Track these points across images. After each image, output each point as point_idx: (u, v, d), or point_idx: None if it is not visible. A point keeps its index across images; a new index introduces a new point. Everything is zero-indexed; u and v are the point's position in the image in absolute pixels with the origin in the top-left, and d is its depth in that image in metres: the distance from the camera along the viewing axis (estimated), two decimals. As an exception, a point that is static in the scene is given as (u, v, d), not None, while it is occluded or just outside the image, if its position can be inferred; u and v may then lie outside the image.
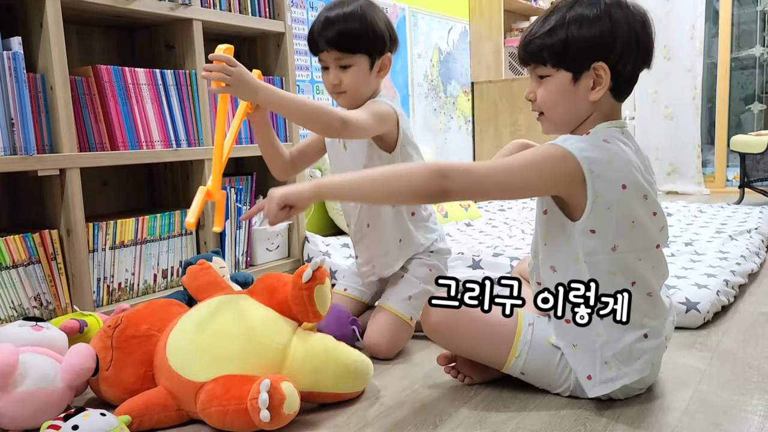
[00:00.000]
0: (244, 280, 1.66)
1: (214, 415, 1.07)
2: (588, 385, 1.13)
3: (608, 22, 1.06)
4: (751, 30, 4.63)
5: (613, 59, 1.07)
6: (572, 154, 1.04)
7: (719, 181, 4.65)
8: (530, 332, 1.17)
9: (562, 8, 1.09)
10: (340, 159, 1.53)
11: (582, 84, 1.09)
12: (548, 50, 1.08)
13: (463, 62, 3.84)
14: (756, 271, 2.06)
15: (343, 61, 1.41)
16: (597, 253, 1.09)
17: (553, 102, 1.12)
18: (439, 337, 1.24)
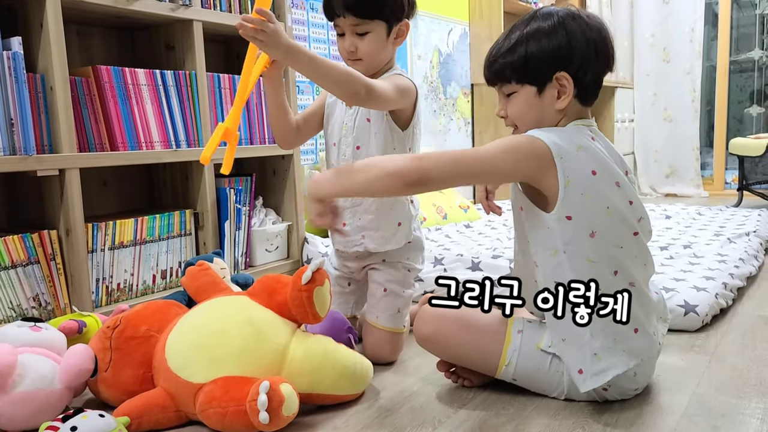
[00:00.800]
0: (245, 282, 1.66)
1: (213, 416, 1.07)
2: (579, 380, 1.13)
3: (564, 33, 1.11)
4: (750, 33, 4.64)
5: (574, 68, 1.11)
6: (541, 139, 1.08)
7: (718, 184, 4.66)
8: (519, 339, 1.18)
9: (520, 25, 1.15)
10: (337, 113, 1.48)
11: (547, 95, 1.13)
12: (510, 68, 1.14)
13: (462, 64, 3.84)
14: (754, 274, 2.07)
15: (360, 27, 1.36)
16: (575, 240, 1.10)
17: (523, 115, 1.17)
18: (431, 347, 1.27)
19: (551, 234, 1.11)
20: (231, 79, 2.06)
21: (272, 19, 1.18)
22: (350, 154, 1.44)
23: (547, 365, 1.17)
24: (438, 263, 2.01)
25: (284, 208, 2.29)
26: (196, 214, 1.98)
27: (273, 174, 2.30)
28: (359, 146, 1.43)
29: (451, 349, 1.24)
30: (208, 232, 1.97)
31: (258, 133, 2.16)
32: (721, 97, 4.56)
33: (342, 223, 1.46)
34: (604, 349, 1.11)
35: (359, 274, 1.56)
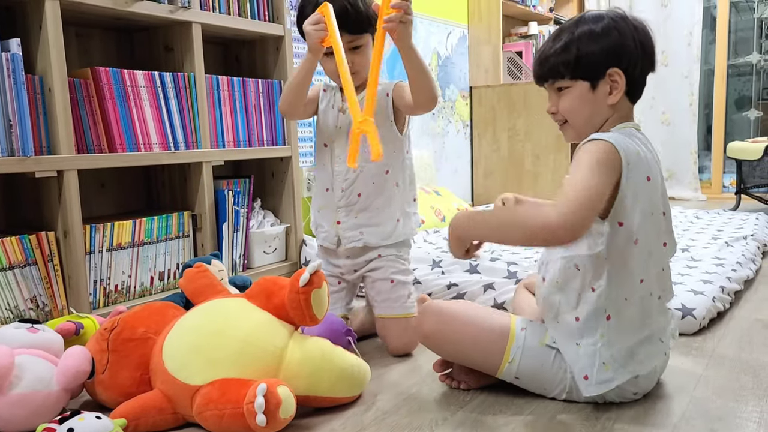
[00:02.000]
0: (243, 284, 1.66)
1: (210, 418, 1.07)
2: (583, 384, 1.14)
3: (616, 32, 1.14)
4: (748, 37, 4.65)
5: (625, 64, 1.14)
6: (613, 145, 1.09)
7: (716, 187, 4.67)
8: (523, 336, 1.18)
9: (570, 27, 1.18)
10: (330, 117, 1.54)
11: (600, 90, 1.16)
12: (564, 64, 1.16)
13: (461, 67, 3.84)
14: (752, 277, 2.07)
15: (354, 42, 1.46)
16: (620, 247, 1.11)
17: (576, 110, 1.19)
18: (432, 344, 1.27)
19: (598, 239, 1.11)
20: (230, 81, 2.06)
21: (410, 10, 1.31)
22: (345, 157, 1.49)
23: (551, 361, 1.17)
24: (436, 266, 2.01)
25: (282, 210, 2.29)
26: (194, 216, 1.98)
27: (271, 176, 2.30)
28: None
29: (453, 347, 1.23)
30: (206, 234, 1.97)
31: (257, 135, 2.16)
32: (719, 101, 4.57)
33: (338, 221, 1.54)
34: (614, 359, 1.12)
35: (350, 275, 1.59)
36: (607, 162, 1.08)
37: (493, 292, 1.81)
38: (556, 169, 3.63)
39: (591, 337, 1.13)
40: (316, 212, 1.61)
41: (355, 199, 1.52)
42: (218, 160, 2.00)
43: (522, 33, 4.14)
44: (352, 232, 1.53)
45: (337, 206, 1.54)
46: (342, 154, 1.52)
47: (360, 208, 1.53)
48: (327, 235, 1.58)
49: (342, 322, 1.39)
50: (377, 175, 1.52)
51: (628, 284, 1.13)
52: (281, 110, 1.57)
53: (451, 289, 1.88)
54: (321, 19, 1.36)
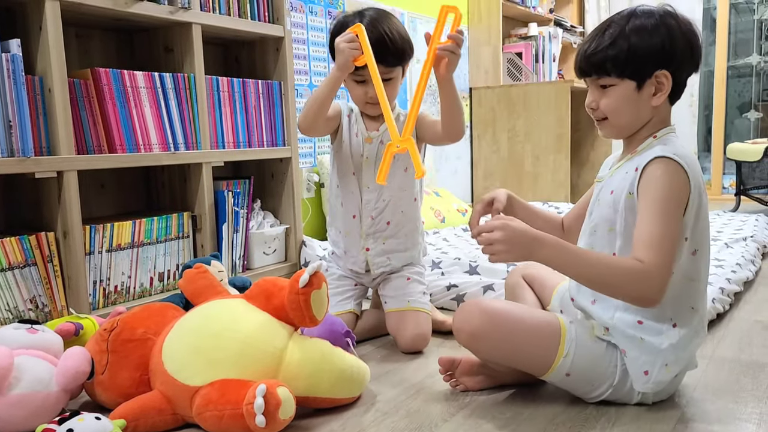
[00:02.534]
0: (243, 285, 1.66)
1: (210, 419, 1.07)
2: (641, 380, 1.12)
3: (666, 31, 1.12)
4: (748, 38, 4.65)
5: (673, 66, 1.12)
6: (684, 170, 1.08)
7: (715, 189, 4.67)
8: (573, 329, 1.16)
9: (620, 21, 1.14)
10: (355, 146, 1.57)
11: (645, 91, 1.14)
12: (612, 61, 1.13)
13: (461, 67, 3.84)
14: (751, 279, 2.07)
15: (387, 74, 1.50)
16: (682, 260, 1.11)
17: (618, 109, 1.16)
18: (479, 345, 1.18)
19: None
20: (229, 82, 2.07)
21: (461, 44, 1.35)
22: (375, 186, 1.55)
23: (602, 354, 1.14)
24: (436, 267, 2.01)
25: (282, 211, 2.29)
26: (194, 217, 1.98)
27: (271, 177, 2.30)
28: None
29: (503, 346, 1.16)
30: (206, 235, 1.97)
31: (256, 136, 2.16)
32: (719, 102, 4.57)
33: (366, 248, 1.60)
34: (676, 363, 1.12)
35: (369, 283, 1.66)
36: (681, 194, 1.08)
37: (493, 293, 1.81)
38: (556, 170, 3.63)
39: (657, 337, 1.12)
40: (342, 237, 1.63)
41: (384, 226, 1.58)
42: (218, 161, 2.00)
43: (522, 34, 4.13)
44: (381, 258, 1.60)
45: (366, 233, 1.59)
46: (371, 183, 1.56)
47: (388, 234, 1.59)
48: (356, 261, 1.63)
49: (342, 323, 1.39)
50: (407, 203, 1.59)
51: (694, 294, 1.13)
52: (301, 127, 1.54)
53: (451, 290, 1.88)
54: (355, 38, 1.37)
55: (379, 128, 1.57)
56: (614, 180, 1.18)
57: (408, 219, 1.60)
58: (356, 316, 1.61)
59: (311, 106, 1.48)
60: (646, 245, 1.05)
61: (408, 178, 1.58)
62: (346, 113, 1.60)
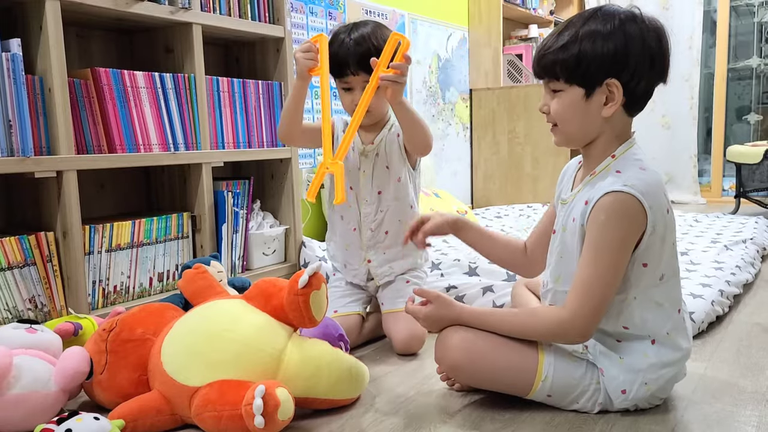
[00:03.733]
0: (242, 285, 1.66)
1: (209, 420, 1.07)
2: (619, 398, 1.12)
3: (622, 37, 1.05)
4: (748, 41, 4.65)
5: (626, 76, 1.07)
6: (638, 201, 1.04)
7: (715, 191, 4.67)
8: (552, 352, 1.15)
9: (577, 22, 1.09)
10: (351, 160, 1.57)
11: (594, 100, 1.09)
12: (561, 65, 1.08)
13: (461, 69, 3.84)
14: (751, 281, 2.07)
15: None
16: (647, 286, 1.09)
17: (567, 117, 1.12)
18: (460, 374, 1.20)
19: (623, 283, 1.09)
20: (230, 82, 2.07)
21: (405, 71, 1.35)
22: (372, 200, 1.57)
23: (582, 372, 1.14)
24: (435, 268, 2.01)
25: (282, 211, 2.29)
26: (193, 217, 1.97)
27: (271, 177, 2.30)
28: (380, 191, 1.57)
29: (484, 374, 1.17)
30: (206, 235, 1.97)
31: (256, 137, 2.16)
32: (719, 105, 4.57)
33: (368, 260, 1.62)
34: (656, 382, 1.11)
35: (373, 290, 1.68)
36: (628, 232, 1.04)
37: (492, 295, 1.80)
38: (555, 173, 3.60)
39: (635, 355, 1.11)
40: (341, 249, 1.65)
41: (383, 237, 1.60)
42: (218, 162, 2.00)
43: (522, 36, 4.14)
44: (383, 268, 1.62)
45: (366, 246, 1.60)
46: (368, 196, 1.57)
47: (388, 244, 1.60)
48: (357, 273, 1.65)
49: (337, 325, 1.39)
50: (403, 212, 1.59)
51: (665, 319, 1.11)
52: (279, 136, 1.59)
53: (450, 292, 1.88)
54: (312, 47, 1.37)
55: (374, 140, 1.57)
56: (576, 206, 1.14)
57: (406, 226, 1.56)
58: (362, 318, 1.61)
59: (283, 116, 1.54)
60: (575, 291, 1.07)
61: (402, 188, 1.58)
62: (341, 129, 1.61)
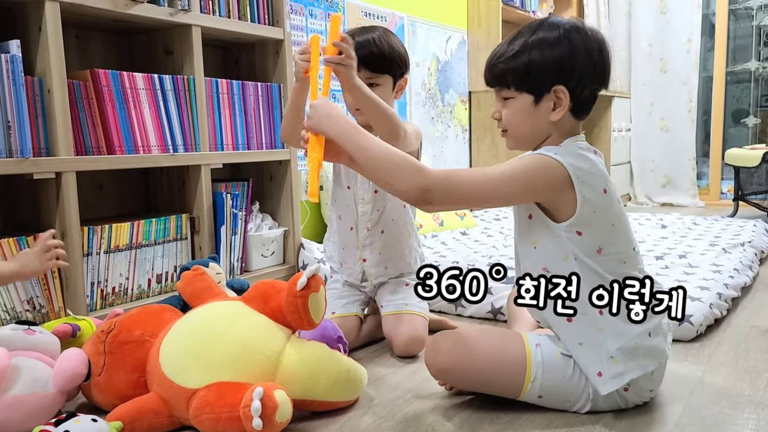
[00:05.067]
0: (240, 287, 1.66)
1: (207, 422, 1.07)
2: (600, 383, 1.13)
3: (568, 45, 1.12)
4: (746, 44, 4.66)
5: (573, 83, 1.13)
6: (559, 162, 1.09)
7: (714, 194, 4.67)
8: (539, 353, 1.16)
9: (525, 33, 1.16)
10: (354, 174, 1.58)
11: (543, 105, 1.15)
12: (511, 74, 1.15)
13: (460, 71, 3.85)
14: (749, 284, 2.07)
15: (372, 79, 1.51)
16: (585, 255, 1.12)
17: (517, 122, 1.19)
18: (450, 377, 1.22)
19: (561, 242, 1.12)
20: (229, 84, 2.07)
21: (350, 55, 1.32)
22: (369, 198, 1.57)
23: (571, 371, 1.15)
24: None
25: (281, 213, 2.29)
26: (192, 219, 1.97)
27: (270, 179, 2.30)
28: (377, 190, 1.57)
29: (472, 377, 1.19)
30: (204, 237, 1.97)
31: (255, 138, 2.16)
32: (717, 108, 4.57)
33: (363, 259, 1.62)
34: (621, 352, 1.12)
35: (371, 292, 1.68)
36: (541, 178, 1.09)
37: (491, 297, 1.81)
38: (555, 175, 3.63)
39: (590, 333, 1.13)
40: (338, 248, 1.66)
41: (379, 236, 1.60)
42: (217, 163, 2.00)
43: (521, 38, 4.14)
44: (377, 268, 1.62)
45: (362, 244, 1.61)
46: (366, 195, 1.57)
47: (383, 244, 1.60)
48: (352, 272, 1.65)
49: (335, 328, 1.40)
50: (397, 210, 1.59)
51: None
52: (282, 138, 1.61)
53: (449, 294, 1.88)
54: (308, 49, 1.38)
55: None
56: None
57: (400, 226, 1.61)
58: (360, 320, 1.61)
59: (283, 117, 1.55)
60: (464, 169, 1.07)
61: None
62: None
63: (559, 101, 1.13)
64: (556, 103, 1.14)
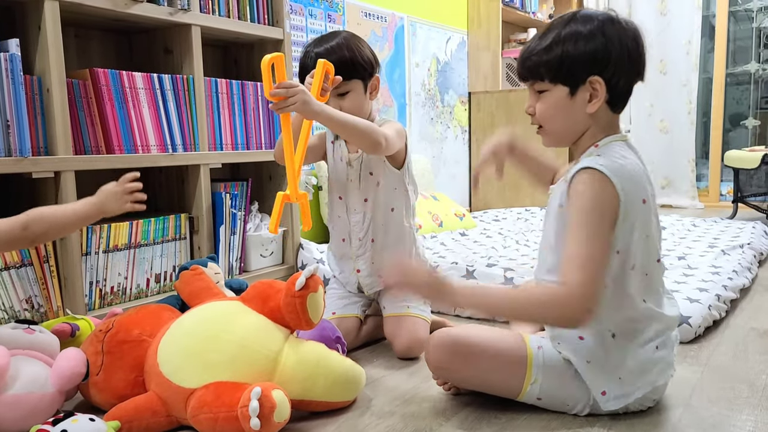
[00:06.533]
0: (239, 287, 1.66)
1: (205, 422, 1.07)
2: (602, 401, 1.12)
3: (602, 38, 1.09)
4: (746, 46, 4.66)
5: (608, 73, 1.10)
6: (608, 177, 1.05)
7: (713, 196, 4.68)
8: (541, 355, 1.15)
9: (558, 25, 1.13)
10: (340, 170, 1.59)
11: (578, 97, 1.12)
12: (545, 66, 1.12)
13: (460, 72, 3.85)
14: (748, 286, 2.07)
15: (341, 88, 1.49)
16: (619, 274, 1.09)
17: (552, 115, 1.15)
18: (449, 374, 1.22)
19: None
20: (228, 84, 2.07)
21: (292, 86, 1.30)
22: (360, 207, 1.56)
23: (572, 375, 1.14)
24: (432, 271, 2.01)
25: (280, 213, 2.29)
26: (191, 219, 1.97)
27: (269, 179, 2.30)
28: (366, 198, 1.56)
29: (470, 375, 1.18)
30: (203, 237, 1.97)
31: (254, 138, 2.16)
32: (717, 109, 4.58)
33: (357, 270, 1.61)
34: (629, 373, 1.11)
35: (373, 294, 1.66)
36: (605, 207, 1.05)
37: (490, 298, 1.80)
38: (554, 176, 3.63)
39: (600, 353, 1.11)
40: (336, 259, 1.67)
41: (370, 245, 1.59)
42: (216, 163, 2.00)
43: (521, 39, 4.14)
44: (372, 278, 1.61)
45: (356, 255, 1.60)
46: (357, 205, 1.57)
47: (376, 251, 1.59)
48: (348, 282, 1.65)
49: (334, 328, 1.39)
50: (384, 215, 1.57)
51: (630, 307, 1.11)
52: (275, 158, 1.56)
53: (448, 295, 1.88)
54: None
55: (358, 149, 1.55)
56: (555, 191, 1.17)
57: (392, 232, 1.58)
58: (360, 321, 1.61)
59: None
60: (569, 264, 1.05)
61: (381, 192, 1.55)
62: (330, 139, 1.61)
63: (595, 92, 1.11)
64: (592, 95, 1.11)
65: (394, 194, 1.57)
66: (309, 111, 1.32)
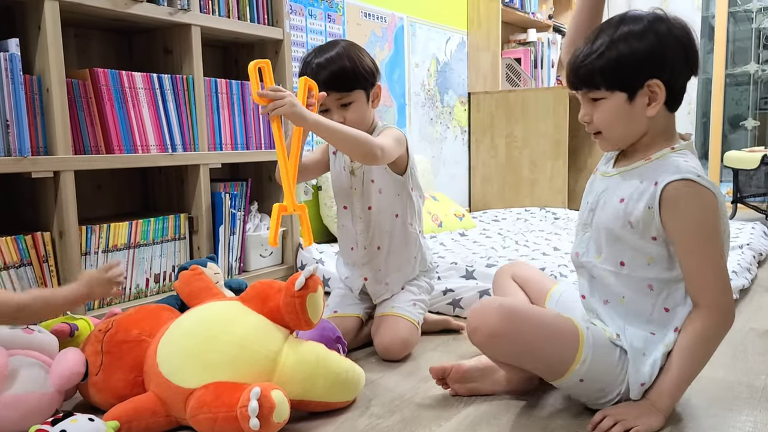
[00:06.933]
0: (238, 287, 1.66)
1: (204, 422, 1.07)
2: (637, 390, 1.11)
3: (655, 36, 1.06)
4: (746, 47, 4.67)
5: (666, 74, 1.08)
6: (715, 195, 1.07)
7: (712, 196, 4.68)
8: (591, 335, 1.13)
9: (608, 29, 1.09)
10: (343, 180, 1.59)
11: (638, 102, 1.09)
12: (600, 73, 1.08)
13: (460, 72, 3.85)
14: (747, 287, 2.07)
15: (344, 99, 1.49)
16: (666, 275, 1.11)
17: (612, 123, 1.12)
18: (498, 343, 1.13)
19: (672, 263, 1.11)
20: (228, 84, 2.07)
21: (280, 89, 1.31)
22: (364, 215, 1.57)
23: (616, 359, 1.12)
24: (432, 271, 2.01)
25: (279, 213, 2.29)
26: (190, 219, 1.97)
27: (269, 179, 2.30)
28: (370, 206, 1.56)
29: (520, 348, 1.12)
30: (203, 237, 1.97)
31: (254, 138, 2.16)
32: (716, 110, 4.58)
33: (364, 278, 1.61)
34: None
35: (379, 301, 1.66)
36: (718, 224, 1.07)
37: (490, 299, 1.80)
38: (553, 177, 3.63)
39: (661, 349, 1.11)
40: (343, 265, 1.68)
41: (376, 252, 1.59)
42: (215, 163, 2.00)
43: (521, 40, 4.14)
44: (378, 286, 1.61)
45: (362, 263, 1.60)
46: (362, 214, 1.57)
47: (382, 258, 1.59)
48: (354, 287, 1.65)
49: (334, 328, 1.39)
50: (389, 222, 1.57)
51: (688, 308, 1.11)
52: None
53: (447, 295, 1.88)
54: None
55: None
56: (625, 187, 1.13)
57: (394, 236, 1.58)
58: (361, 322, 1.61)
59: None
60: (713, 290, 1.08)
61: (384, 199, 1.56)
62: (332, 150, 1.61)
63: (654, 95, 1.08)
64: (651, 98, 1.08)
65: (398, 200, 1.57)
66: (297, 114, 1.31)
